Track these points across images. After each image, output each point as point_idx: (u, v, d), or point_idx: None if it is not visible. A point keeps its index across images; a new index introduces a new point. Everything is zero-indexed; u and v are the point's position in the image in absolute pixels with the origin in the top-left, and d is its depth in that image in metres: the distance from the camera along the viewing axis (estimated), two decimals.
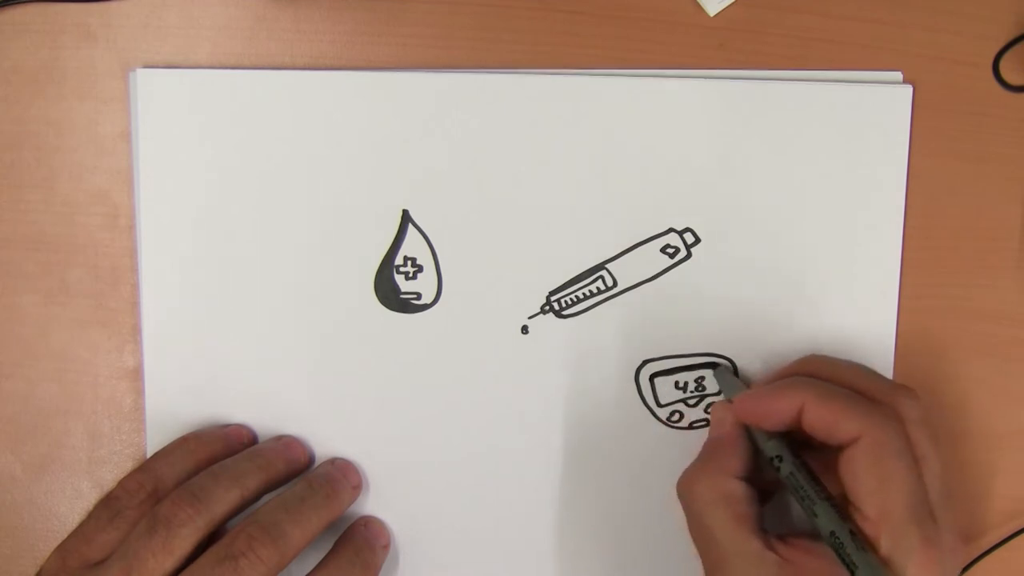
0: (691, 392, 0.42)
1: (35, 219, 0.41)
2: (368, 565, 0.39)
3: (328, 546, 0.40)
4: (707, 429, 0.42)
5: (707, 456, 0.38)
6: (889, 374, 0.42)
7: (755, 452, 0.38)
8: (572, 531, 0.42)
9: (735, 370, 0.41)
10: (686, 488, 0.37)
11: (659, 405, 0.42)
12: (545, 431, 0.41)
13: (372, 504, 0.41)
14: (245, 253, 0.40)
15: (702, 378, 0.42)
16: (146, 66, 0.40)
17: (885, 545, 0.34)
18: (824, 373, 0.38)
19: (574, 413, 0.41)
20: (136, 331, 0.41)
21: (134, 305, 0.41)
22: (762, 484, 0.38)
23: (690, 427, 0.42)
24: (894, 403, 0.36)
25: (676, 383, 0.42)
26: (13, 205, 0.41)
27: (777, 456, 0.36)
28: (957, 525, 0.36)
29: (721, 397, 0.41)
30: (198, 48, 0.40)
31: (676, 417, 0.42)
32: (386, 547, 0.41)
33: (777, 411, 0.36)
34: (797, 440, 0.37)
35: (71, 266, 0.41)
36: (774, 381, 0.38)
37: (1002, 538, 0.42)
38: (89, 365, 0.41)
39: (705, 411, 0.42)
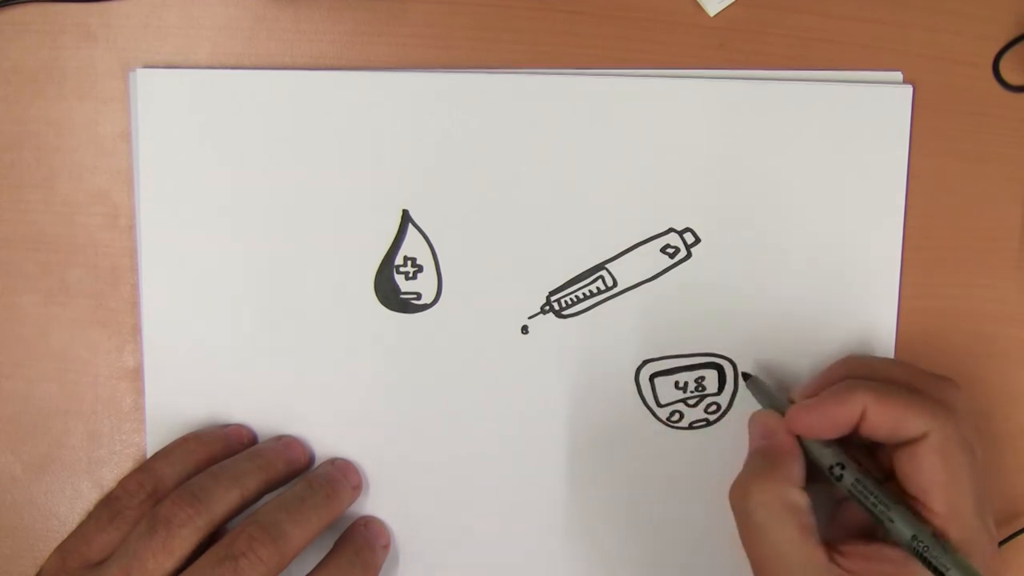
0: (691, 392, 0.42)
1: (35, 219, 0.41)
2: (368, 565, 0.39)
3: (328, 546, 0.40)
4: (707, 429, 0.42)
5: (766, 465, 0.36)
6: None
7: (806, 461, 0.37)
8: (572, 531, 0.42)
9: (731, 373, 0.41)
10: (744, 497, 0.35)
11: (659, 405, 0.42)
12: (545, 431, 0.41)
13: (372, 504, 0.41)
14: (245, 253, 0.40)
15: (702, 378, 0.42)
16: (146, 66, 0.40)
17: (955, 539, 0.33)
18: (872, 372, 0.37)
19: (574, 413, 0.41)
20: (136, 331, 0.41)
21: (134, 305, 0.41)
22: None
23: (690, 427, 0.42)
24: (945, 396, 0.36)
25: (676, 383, 0.41)
26: (13, 205, 0.41)
27: (838, 464, 0.36)
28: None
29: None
30: (198, 48, 0.40)
31: (676, 417, 0.42)
32: (386, 547, 0.41)
33: (839, 419, 0.35)
34: (844, 443, 0.37)
35: (71, 266, 0.41)
36: (819, 387, 0.37)
37: (1002, 538, 0.42)
38: (89, 365, 0.41)
39: (705, 411, 0.42)
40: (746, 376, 0.41)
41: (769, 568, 0.35)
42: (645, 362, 0.41)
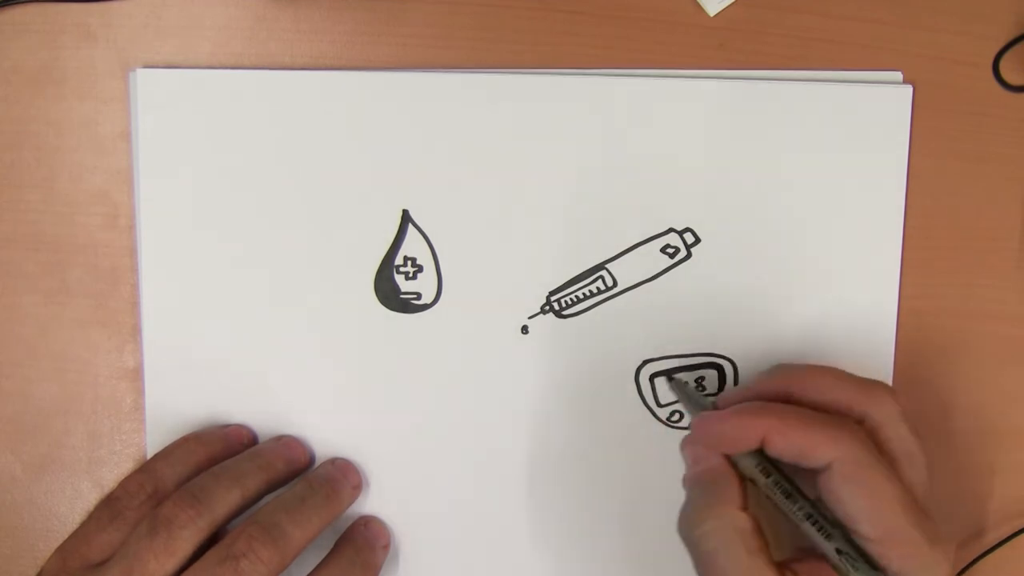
0: None
1: (35, 219, 0.41)
2: (368, 565, 0.39)
3: (328, 546, 0.40)
4: None
5: (704, 492, 0.35)
6: (889, 374, 0.42)
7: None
8: (572, 531, 0.42)
9: (719, 372, 0.41)
10: (689, 529, 0.35)
11: (659, 405, 0.42)
12: (545, 431, 0.41)
13: (372, 504, 0.41)
14: (245, 253, 0.40)
15: (702, 378, 0.42)
16: (146, 66, 0.40)
17: (896, 559, 0.33)
18: (788, 387, 0.36)
19: (574, 413, 0.41)
20: (136, 331, 0.41)
21: (134, 305, 0.41)
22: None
23: (690, 427, 0.42)
24: (867, 406, 0.35)
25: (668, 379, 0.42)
26: (13, 205, 0.41)
27: (750, 479, 0.35)
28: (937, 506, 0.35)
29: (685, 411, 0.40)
30: (198, 48, 0.40)
31: (676, 417, 0.42)
32: (386, 547, 0.41)
33: (741, 438, 0.35)
34: None
35: (71, 266, 0.41)
36: (743, 398, 0.37)
37: (1002, 538, 0.42)
38: (89, 365, 0.41)
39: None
40: (670, 378, 0.41)
41: None
42: (645, 362, 0.41)
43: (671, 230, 0.41)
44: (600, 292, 0.41)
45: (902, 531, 0.33)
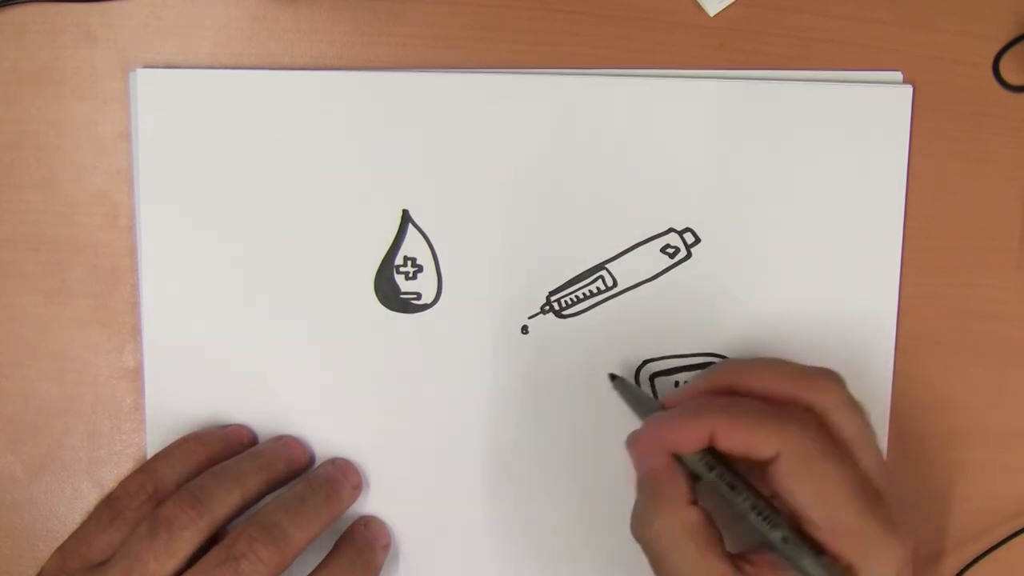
0: None
1: (35, 219, 0.41)
2: (368, 565, 0.39)
3: (328, 546, 0.40)
4: None
5: (652, 491, 0.35)
6: (889, 374, 0.42)
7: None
8: (572, 531, 0.42)
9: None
10: (643, 530, 0.35)
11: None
12: (545, 431, 0.41)
13: (372, 504, 0.41)
14: (245, 253, 0.40)
15: None
16: (146, 66, 0.40)
17: (845, 547, 0.33)
18: (733, 383, 0.36)
19: (574, 413, 0.41)
20: (136, 331, 0.41)
21: (134, 305, 0.41)
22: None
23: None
24: (812, 395, 0.35)
25: (676, 383, 0.42)
26: (13, 205, 0.41)
27: (696, 475, 0.35)
28: (895, 496, 0.35)
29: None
30: (198, 48, 0.40)
31: None
32: (386, 547, 0.41)
33: (688, 437, 0.35)
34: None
35: (71, 266, 0.41)
36: (688, 396, 0.37)
37: (1002, 538, 0.42)
38: (89, 365, 0.41)
39: None
40: (612, 377, 0.40)
41: None
42: (645, 362, 0.41)
43: (671, 230, 0.41)
44: (600, 292, 0.41)
45: (849, 520, 0.33)
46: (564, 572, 0.42)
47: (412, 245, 0.41)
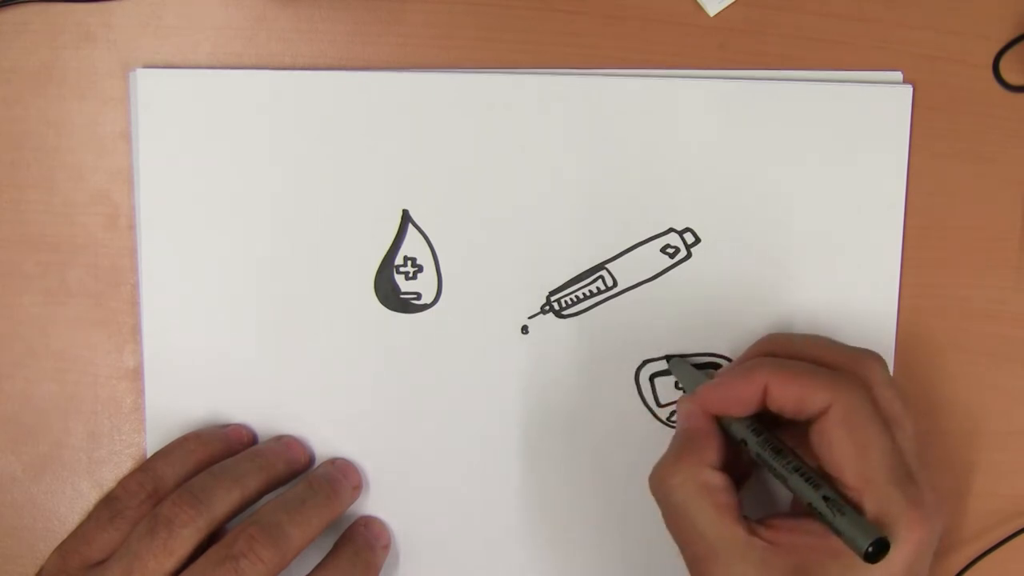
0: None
1: (35, 219, 0.41)
2: (368, 565, 0.39)
3: (328, 546, 0.40)
4: None
5: (680, 448, 0.36)
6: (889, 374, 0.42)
7: (728, 441, 0.37)
8: (572, 530, 0.42)
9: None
10: (661, 482, 0.36)
11: (659, 405, 0.42)
12: (545, 431, 0.41)
13: (372, 504, 0.41)
14: (245, 253, 0.40)
15: None
16: (146, 66, 0.40)
17: (870, 510, 0.33)
18: (784, 350, 0.38)
19: (574, 413, 0.41)
20: (136, 331, 0.41)
21: (134, 305, 0.41)
22: (739, 472, 0.38)
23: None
24: (858, 368, 0.36)
25: (676, 383, 0.42)
26: (13, 205, 0.41)
27: (742, 440, 0.36)
28: (937, 484, 0.35)
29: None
30: (198, 48, 0.40)
31: (676, 417, 0.42)
32: (386, 547, 0.41)
33: (742, 396, 0.36)
34: (773, 419, 0.37)
35: (71, 266, 0.41)
36: (735, 367, 0.38)
37: (1002, 538, 0.42)
38: (89, 365, 0.41)
39: None
40: (669, 358, 0.41)
41: (692, 548, 0.35)
42: (645, 362, 0.41)
43: (671, 230, 0.41)
44: (600, 292, 0.41)
45: (881, 485, 0.33)
46: (563, 571, 0.42)
47: (412, 245, 0.41)
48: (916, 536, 0.33)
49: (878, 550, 0.32)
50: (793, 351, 0.37)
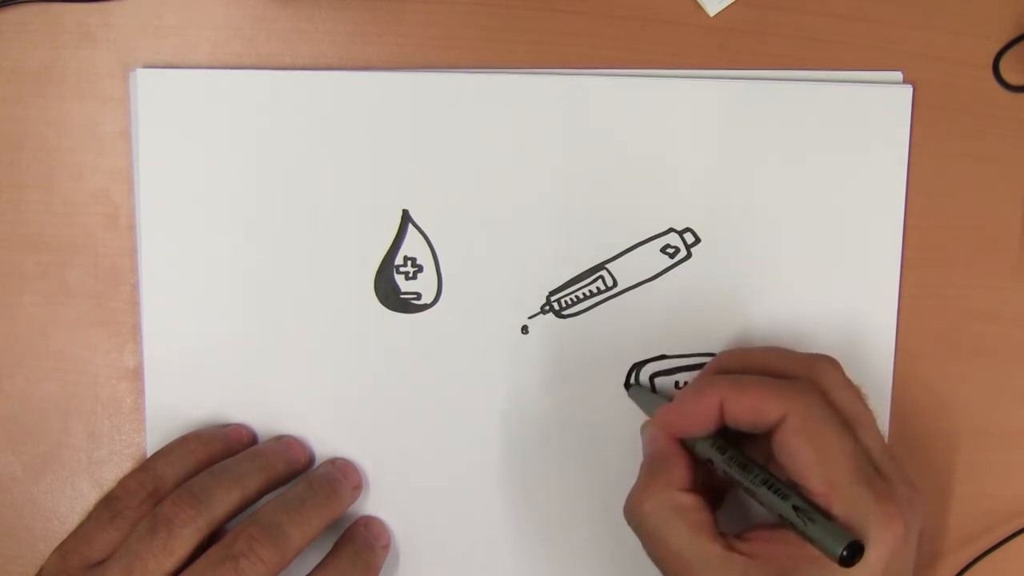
0: None
1: (35, 219, 0.41)
2: (368, 565, 0.39)
3: (328, 546, 0.40)
4: None
5: (648, 474, 0.37)
6: (889, 374, 0.42)
7: (695, 461, 0.37)
8: (572, 530, 0.42)
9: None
10: (634, 510, 0.36)
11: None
12: (545, 431, 0.41)
13: (372, 504, 0.41)
14: (245, 253, 0.40)
15: None
16: (146, 66, 0.40)
17: (839, 512, 0.33)
18: (738, 364, 0.38)
19: (574, 413, 0.41)
20: (136, 331, 0.41)
21: (134, 305, 0.41)
22: (715, 490, 0.38)
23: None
24: (811, 374, 0.36)
25: (676, 383, 0.42)
26: (13, 205, 0.41)
27: (708, 459, 0.36)
28: (911, 477, 0.35)
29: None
30: (198, 48, 0.40)
31: None
32: (386, 547, 0.41)
33: (699, 414, 0.36)
34: (740, 435, 0.37)
35: (71, 266, 0.41)
36: (690, 387, 0.38)
37: (1002, 538, 0.42)
38: (89, 365, 0.41)
39: None
40: (628, 385, 0.41)
41: (671, 570, 0.35)
42: (645, 362, 0.41)
43: (671, 230, 0.41)
44: (600, 292, 0.41)
45: (846, 487, 0.33)
46: (564, 570, 0.42)
47: (412, 245, 0.41)
48: (891, 533, 0.33)
49: (852, 553, 0.32)
50: (747, 365, 0.37)
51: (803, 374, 0.36)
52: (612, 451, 0.42)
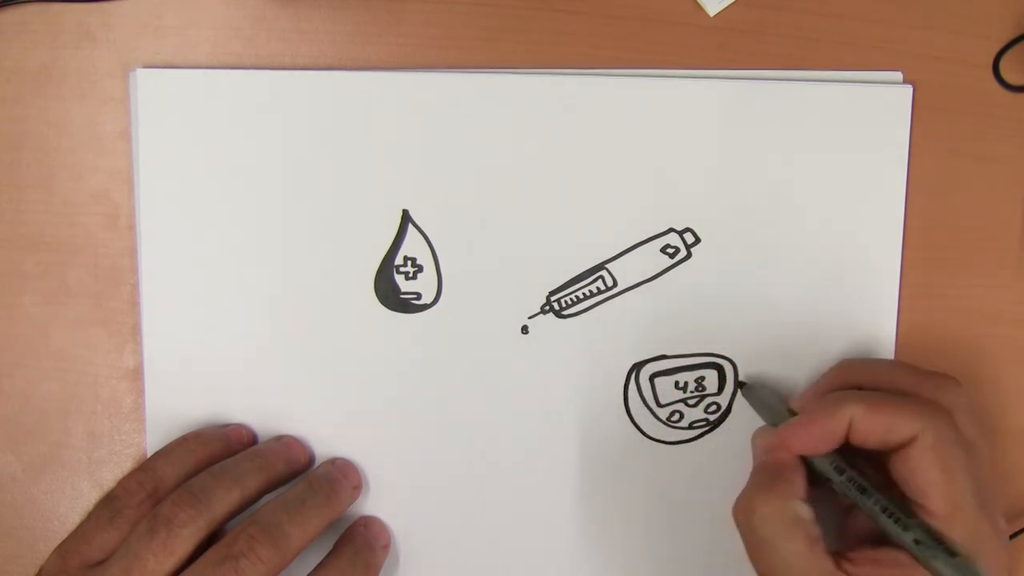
0: (691, 392, 0.42)
1: (35, 219, 0.41)
2: (368, 565, 0.39)
3: (328, 546, 0.40)
4: (707, 431, 0.42)
5: (768, 480, 0.36)
6: None
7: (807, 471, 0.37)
8: (571, 530, 0.42)
9: (731, 374, 0.41)
10: (749, 513, 0.35)
11: (659, 405, 0.42)
12: (545, 431, 0.41)
13: (372, 504, 0.41)
14: (245, 253, 0.40)
15: (702, 378, 0.42)
16: (146, 66, 0.40)
17: (960, 536, 0.33)
18: (864, 379, 0.38)
19: (574, 413, 0.41)
20: (136, 331, 0.41)
21: (134, 305, 0.41)
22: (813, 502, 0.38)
23: (690, 427, 0.42)
24: (941, 395, 0.36)
25: (676, 383, 0.42)
26: (13, 205, 0.41)
27: (832, 474, 0.36)
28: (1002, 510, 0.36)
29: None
30: (198, 48, 0.40)
31: (676, 417, 0.42)
32: (386, 547, 0.41)
33: (830, 433, 0.36)
34: (845, 448, 0.37)
35: (71, 266, 0.41)
36: (817, 395, 0.38)
37: None
38: (89, 365, 0.41)
39: (705, 411, 0.42)
40: (741, 384, 0.41)
41: None
42: (645, 362, 0.41)
43: (671, 230, 0.41)
44: (600, 292, 0.41)
45: (969, 511, 0.34)
46: (562, 570, 0.42)
47: (412, 245, 0.41)
48: (1003, 559, 0.34)
49: None
50: (873, 380, 0.37)
51: (931, 394, 0.36)
52: (612, 451, 0.42)
